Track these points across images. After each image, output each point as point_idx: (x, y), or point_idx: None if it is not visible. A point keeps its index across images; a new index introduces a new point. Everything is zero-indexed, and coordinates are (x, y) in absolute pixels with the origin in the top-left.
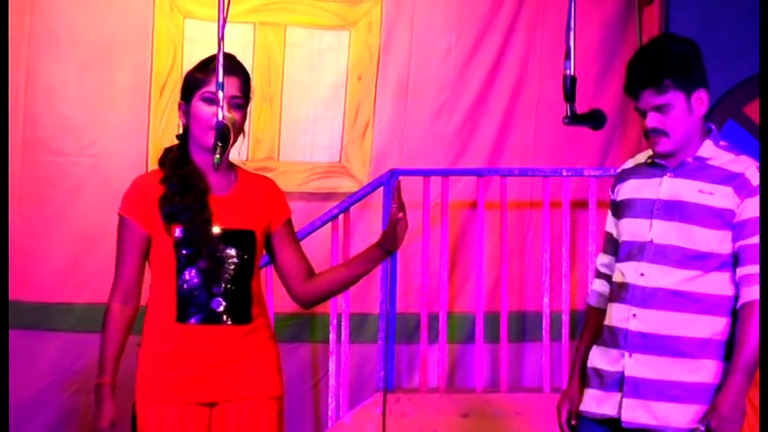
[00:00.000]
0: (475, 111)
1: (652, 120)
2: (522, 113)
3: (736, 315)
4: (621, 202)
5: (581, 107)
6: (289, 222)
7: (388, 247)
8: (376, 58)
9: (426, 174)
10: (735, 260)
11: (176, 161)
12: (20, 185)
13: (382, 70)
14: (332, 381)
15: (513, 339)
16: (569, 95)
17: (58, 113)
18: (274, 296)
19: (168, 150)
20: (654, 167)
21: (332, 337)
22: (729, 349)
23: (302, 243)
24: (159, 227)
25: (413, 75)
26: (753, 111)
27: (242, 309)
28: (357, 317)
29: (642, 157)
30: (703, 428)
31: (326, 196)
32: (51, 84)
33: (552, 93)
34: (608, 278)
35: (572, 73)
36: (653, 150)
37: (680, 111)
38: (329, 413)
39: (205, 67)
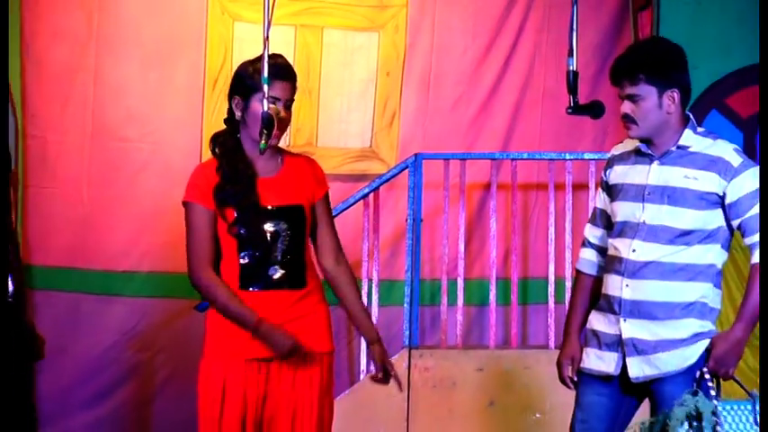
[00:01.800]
0: (488, 102)
1: (625, 107)
2: (529, 104)
3: (719, 279)
4: (614, 185)
5: (582, 99)
6: (326, 197)
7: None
8: (402, 57)
9: (446, 158)
10: (723, 234)
11: (230, 151)
12: (89, 168)
13: (407, 67)
14: (363, 339)
15: (522, 302)
16: (572, 88)
17: (123, 105)
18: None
19: (215, 138)
20: (641, 155)
21: (364, 300)
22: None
23: (337, 218)
24: (220, 210)
25: (434, 71)
26: (734, 102)
27: (297, 275)
28: (386, 282)
29: (630, 145)
30: (705, 370)
31: (359, 177)
32: (117, 79)
33: (556, 86)
34: (596, 248)
35: (574, 69)
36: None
37: (650, 103)
38: (361, 367)
39: (259, 68)
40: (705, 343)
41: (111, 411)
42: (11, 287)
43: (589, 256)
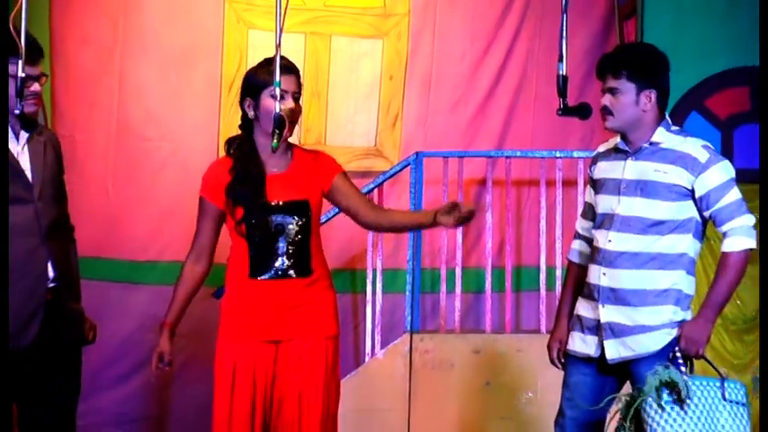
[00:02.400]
0: (485, 104)
1: (605, 99)
2: (523, 106)
3: (692, 266)
4: (597, 180)
5: (571, 101)
6: (342, 175)
7: (449, 223)
8: (404, 62)
9: (445, 156)
10: (694, 224)
11: (244, 153)
12: (113, 166)
13: (409, 72)
14: (368, 324)
15: (516, 289)
16: (562, 92)
17: (145, 107)
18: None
19: (231, 141)
20: (619, 152)
21: (368, 288)
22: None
23: (340, 216)
24: (229, 207)
25: (434, 75)
26: (712, 104)
27: (303, 264)
28: (389, 271)
29: (612, 143)
30: (677, 350)
31: (364, 174)
32: (139, 83)
33: (548, 89)
34: (585, 239)
35: (564, 73)
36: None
37: (628, 99)
38: (366, 350)
39: (268, 69)
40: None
41: (134, 391)
42: (51, 273)
43: (578, 247)
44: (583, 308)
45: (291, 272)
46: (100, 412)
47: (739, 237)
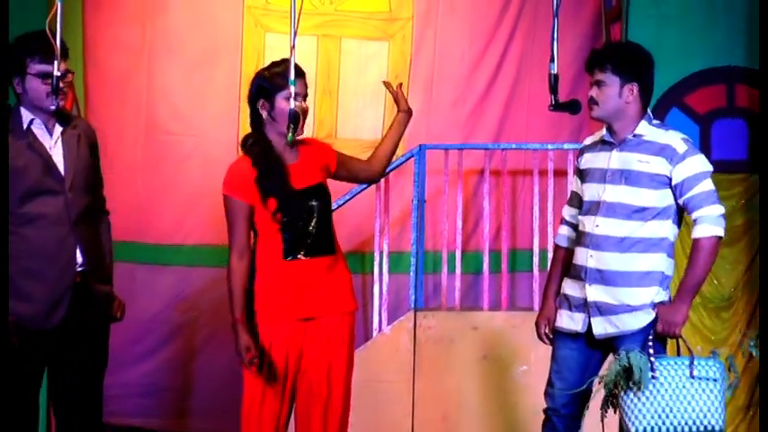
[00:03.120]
0: (482, 101)
1: (592, 91)
2: (517, 103)
3: (671, 250)
4: (584, 170)
5: (562, 98)
6: (338, 154)
7: (403, 108)
8: (408, 62)
9: (446, 148)
10: (674, 211)
11: (262, 149)
12: (142, 158)
13: (413, 71)
14: (376, 302)
15: (511, 270)
16: (553, 89)
17: (171, 104)
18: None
19: (246, 139)
20: (605, 144)
21: (376, 269)
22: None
23: (353, 200)
24: (257, 200)
25: (436, 74)
26: (691, 100)
27: (328, 243)
28: (395, 254)
29: (597, 136)
30: (652, 332)
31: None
32: (165, 82)
33: (540, 87)
34: (571, 225)
35: (555, 72)
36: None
37: (612, 91)
38: (374, 326)
39: (282, 73)
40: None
41: (160, 365)
42: (80, 259)
43: (564, 232)
44: (570, 287)
45: (319, 251)
46: (127, 384)
47: (708, 224)
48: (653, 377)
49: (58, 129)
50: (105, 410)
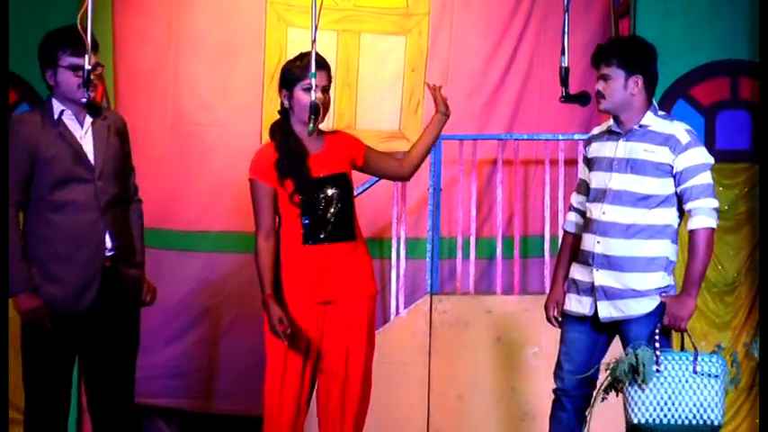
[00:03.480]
0: (496, 93)
1: (598, 84)
2: (529, 95)
3: (676, 236)
4: (591, 158)
5: (572, 90)
6: (368, 148)
7: (441, 110)
8: (425, 56)
9: (461, 138)
10: (677, 199)
11: (283, 134)
12: (169, 148)
13: (429, 64)
14: (393, 286)
15: (523, 256)
16: (564, 81)
17: (196, 96)
18: None
19: (274, 126)
20: (612, 134)
21: (393, 255)
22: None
23: (372, 188)
24: (280, 182)
25: (451, 67)
26: (697, 92)
27: (347, 230)
28: (412, 240)
29: (605, 126)
30: (659, 325)
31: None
32: (191, 75)
33: (552, 79)
34: (579, 212)
35: (566, 65)
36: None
37: (617, 84)
38: (392, 310)
39: (302, 65)
40: (665, 295)
41: (187, 347)
42: (110, 243)
43: (572, 218)
44: (578, 272)
45: (338, 237)
46: (155, 366)
47: (703, 216)
48: (657, 371)
49: (89, 119)
50: (134, 391)
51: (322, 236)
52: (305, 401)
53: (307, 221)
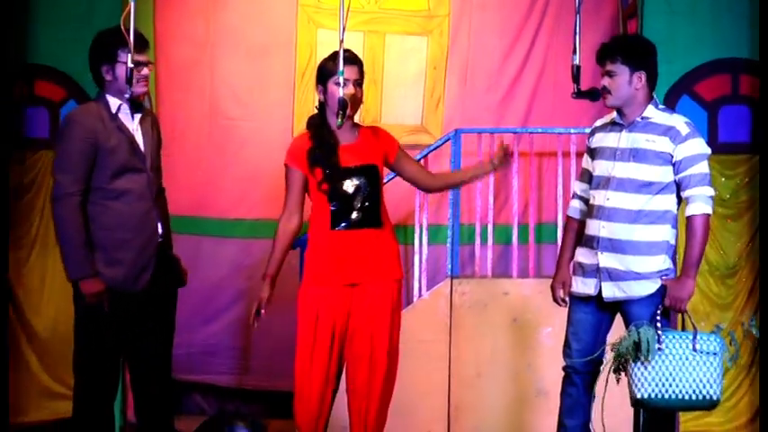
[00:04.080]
0: (512, 89)
1: (604, 81)
2: (543, 91)
3: (675, 221)
4: (595, 148)
5: (583, 87)
6: (401, 149)
7: (494, 163)
8: (445, 55)
9: (479, 132)
10: (676, 186)
11: (318, 125)
12: (206, 140)
13: (450, 63)
14: (416, 270)
15: (538, 242)
16: (575, 78)
17: (232, 92)
18: None
19: (311, 118)
20: (615, 125)
21: (416, 241)
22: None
23: (396, 178)
24: (311, 169)
25: (470, 65)
26: (700, 88)
27: (374, 218)
28: (433, 227)
29: (608, 118)
30: (660, 307)
31: (412, 147)
32: (227, 72)
33: (564, 77)
34: (582, 199)
35: (578, 63)
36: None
37: (622, 79)
38: (414, 292)
39: (334, 61)
40: (666, 278)
41: (223, 327)
42: (161, 230)
43: (576, 205)
44: (583, 255)
45: (365, 224)
46: (196, 344)
47: (700, 203)
48: (659, 349)
49: (137, 114)
50: (173, 368)
51: (348, 222)
52: (333, 377)
53: (334, 208)
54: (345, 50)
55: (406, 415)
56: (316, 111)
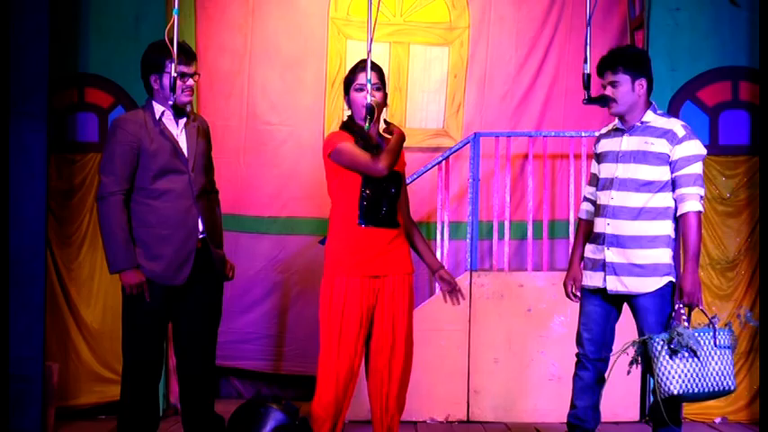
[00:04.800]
0: (527, 96)
1: (608, 91)
2: (556, 97)
3: (674, 218)
4: (600, 153)
5: (593, 93)
6: (403, 174)
7: (439, 280)
8: (465, 64)
9: (497, 135)
10: (672, 185)
11: (357, 133)
12: (244, 144)
13: (469, 71)
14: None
15: (551, 237)
16: (586, 86)
17: (268, 99)
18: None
19: (345, 124)
20: (617, 131)
21: (438, 236)
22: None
23: (419, 178)
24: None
25: (488, 74)
26: (702, 95)
27: (395, 218)
28: (454, 223)
29: (611, 126)
30: (680, 304)
31: (435, 149)
32: (264, 80)
33: (575, 84)
34: (591, 201)
35: (588, 72)
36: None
37: (626, 88)
38: (436, 285)
39: (354, 69)
40: (668, 278)
41: (260, 316)
42: (201, 227)
43: (586, 207)
44: (591, 251)
45: (388, 223)
46: (234, 332)
47: (694, 201)
48: (692, 349)
49: (182, 121)
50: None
51: (376, 220)
52: (357, 367)
53: (364, 207)
54: (364, 60)
55: (427, 398)
56: (344, 121)
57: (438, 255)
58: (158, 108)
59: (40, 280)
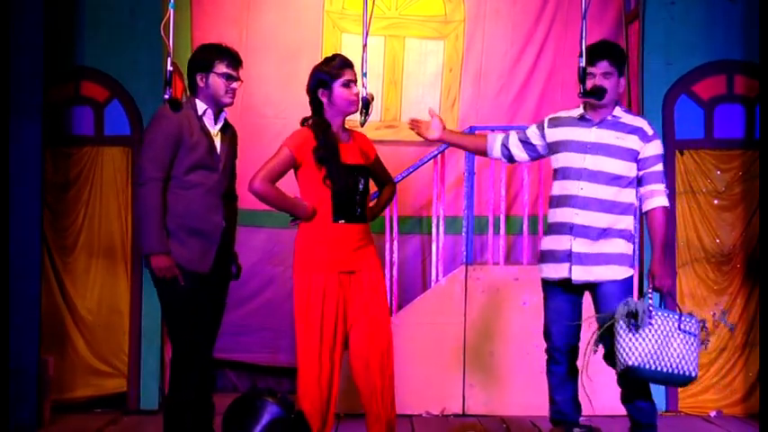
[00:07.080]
0: (522, 90)
1: (600, 80)
2: (551, 91)
3: (637, 213)
4: (558, 141)
5: (588, 86)
6: (377, 157)
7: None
8: (461, 58)
9: (492, 129)
10: (638, 181)
11: (322, 127)
12: (240, 136)
13: (465, 65)
14: (434, 258)
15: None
16: (581, 79)
17: (263, 92)
18: (399, 204)
19: (306, 119)
20: (583, 120)
21: (434, 230)
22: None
23: (415, 172)
24: (310, 163)
25: (483, 68)
26: (698, 88)
27: (365, 213)
28: (450, 218)
29: (573, 113)
30: (650, 290)
31: (430, 143)
32: (259, 74)
33: (570, 78)
34: (505, 143)
35: (583, 66)
36: (597, 101)
37: (614, 81)
38: (432, 278)
39: (335, 65)
40: (632, 271)
41: (256, 308)
42: (223, 224)
43: (500, 137)
44: (552, 243)
45: (359, 219)
46: (229, 324)
47: (661, 197)
48: (649, 322)
49: (220, 123)
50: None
51: (349, 216)
52: (338, 360)
53: (337, 203)
54: (339, 55)
55: (423, 391)
56: (315, 121)
57: (433, 249)
58: (201, 106)
59: (35, 273)
